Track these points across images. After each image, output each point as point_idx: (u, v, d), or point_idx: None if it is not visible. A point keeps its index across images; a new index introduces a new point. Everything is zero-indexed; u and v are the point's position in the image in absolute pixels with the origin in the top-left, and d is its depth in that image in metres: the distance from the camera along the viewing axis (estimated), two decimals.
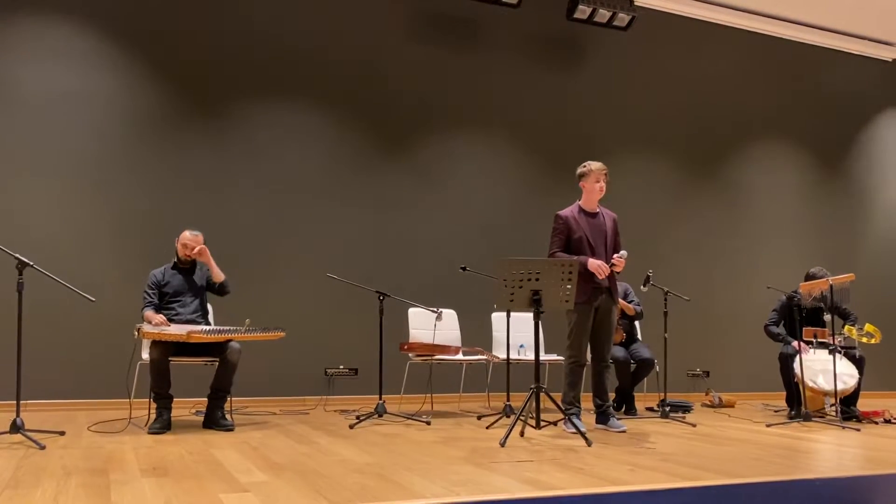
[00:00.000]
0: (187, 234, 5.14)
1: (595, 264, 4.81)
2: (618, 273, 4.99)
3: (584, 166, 5.06)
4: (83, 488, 2.85)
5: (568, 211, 5.05)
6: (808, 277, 6.25)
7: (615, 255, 4.90)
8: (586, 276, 4.82)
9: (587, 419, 5.07)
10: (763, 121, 8.90)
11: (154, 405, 4.76)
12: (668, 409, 5.77)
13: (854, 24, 9.04)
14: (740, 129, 8.77)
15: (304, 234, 6.89)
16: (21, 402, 4.27)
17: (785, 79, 9.05)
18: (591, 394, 5.07)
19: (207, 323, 5.15)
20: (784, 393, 6.33)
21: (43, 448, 3.88)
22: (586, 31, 8.01)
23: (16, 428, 4.11)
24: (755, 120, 8.86)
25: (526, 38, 7.87)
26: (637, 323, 6.61)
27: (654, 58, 8.40)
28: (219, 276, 5.14)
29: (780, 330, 6.36)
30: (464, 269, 6.31)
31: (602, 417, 5.04)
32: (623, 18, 7.76)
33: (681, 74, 8.52)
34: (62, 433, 4.45)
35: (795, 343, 6.03)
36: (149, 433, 4.51)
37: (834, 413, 5.77)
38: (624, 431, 4.87)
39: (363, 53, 7.22)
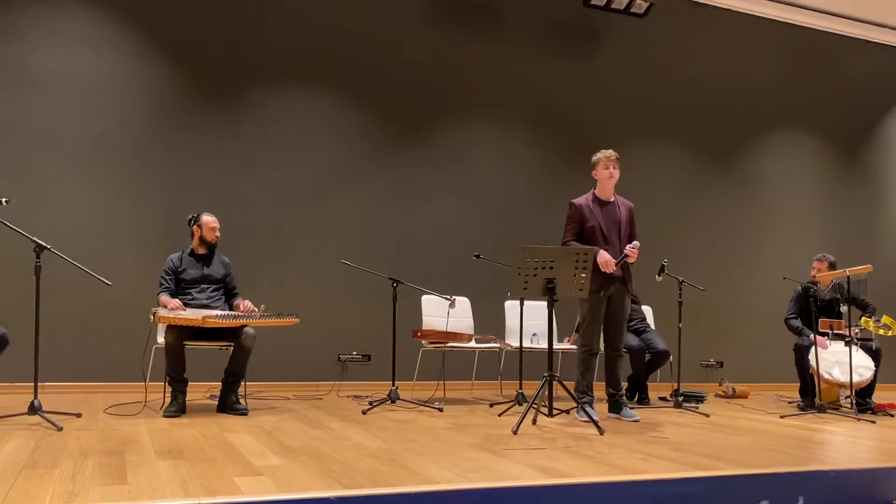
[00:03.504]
0: (208, 218, 5.17)
1: (602, 259, 4.79)
2: (631, 263, 4.97)
3: (595, 155, 5.06)
4: (100, 469, 2.89)
5: (582, 199, 5.03)
6: (817, 264, 6.19)
7: (628, 246, 4.86)
8: (598, 265, 4.80)
9: (600, 408, 5.07)
10: (780, 110, 8.80)
11: (169, 389, 4.80)
12: (681, 399, 5.75)
13: (873, 12, 8.90)
14: (757, 117, 8.68)
15: (319, 221, 6.90)
16: (38, 384, 4.32)
17: (803, 67, 8.94)
18: (604, 383, 5.07)
19: (223, 308, 5.17)
20: (798, 384, 6.29)
21: (60, 429, 3.93)
22: (603, 17, 7.94)
23: (33, 409, 4.16)
24: (772, 109, 8.76)
25: (542, 24, 7.81)
26: (650, 312, 6.59)
27: (670, 45, 8.32)
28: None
29: (801, 323, 6.30)
30: (478, 256, 6.30)
31: (615, 406, 5.04)
32: (640, 5, 7.69)
33: (698, 62, 8.44)
34: (79, 415, 4.50)
35: (813, 336, 5.96)
36: (164, 416, 4.55)
37: (849, 405, 5.73)
38: (637, 421, 4.86)
39: (378, 39, 7.20)
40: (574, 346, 5.90)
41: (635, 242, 4.88)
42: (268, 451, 3.38)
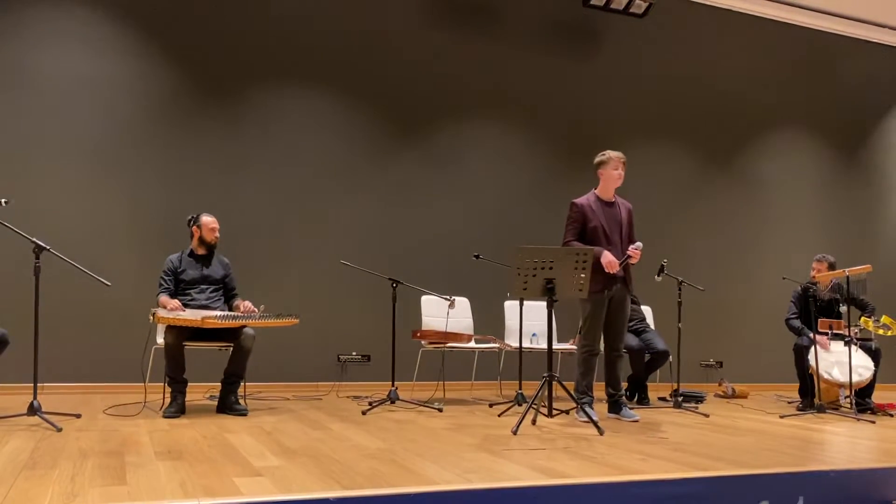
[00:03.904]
0: (208, 219, 5.17)
1: (606, 260, 4.78)
2: (633, 264, 4.96)
3: (604, 154, 5.04)
4: (99, 470, 2.89)
5: (584, 199, 5.02)
6: (817, 265, 6.19)
7: (631, 247, 4.85)
8: (600, 265, 4.80)
9: (599, 409, 5.07)
10: (780, 110, 8.81)
11: (168, 389, 4.80)
12: (680, 399, 5.75)
13: (873, 12, 8.90)
14: (757, 118, 8.69)
15: (318, 221, 6.90)
16: (38, 385, 4.32)
17: (802, 67, 8.94)
18: (604, 383, 5.06)
19: (223, 309, 5.17)
20: (798, 384, 6.29)
21: (59, 430, 3.93)
22: (603, 17, 7.94)
23: (33, 410, 4.16)
24: (772, 109, 8.77)
25: (541, 25, 7.81)
26: (650, 312, 6.59)
27: (670, 45, 8.32)
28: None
29: (801, 324, 6.29)
30: (477, 256, 6.30)
31: (614, 407, 5.03)
32: (640, 6, 7.69)
33: (697, 62, 8.44)
34: (78, 416, 4.50)
35: (814, 336, 5.94)
36: (163, 417, 4.55)
37: (848, 405, 5.73)
38: (636, 421, 4.86)
39: (378, 39, 7.20)
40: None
41: (638, 244, 4.87)
42: (267, 451, 3.38)
